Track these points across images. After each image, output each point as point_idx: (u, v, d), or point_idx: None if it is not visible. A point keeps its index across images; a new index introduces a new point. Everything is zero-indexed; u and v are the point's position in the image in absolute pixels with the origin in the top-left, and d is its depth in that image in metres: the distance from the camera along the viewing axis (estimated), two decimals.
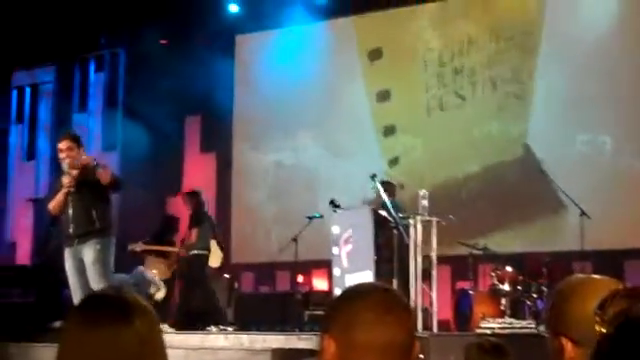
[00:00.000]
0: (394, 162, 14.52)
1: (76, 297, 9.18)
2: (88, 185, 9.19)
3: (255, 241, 15.13)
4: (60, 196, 9.27)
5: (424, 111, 14.55)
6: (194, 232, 12.90)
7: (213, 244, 12.97)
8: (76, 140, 9.39)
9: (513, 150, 13.56)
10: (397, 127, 14.73)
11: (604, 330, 1.76)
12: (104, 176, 9.12)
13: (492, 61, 14.12)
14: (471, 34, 14.35)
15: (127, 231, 12.81)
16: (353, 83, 15.16)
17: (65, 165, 9.27)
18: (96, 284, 9.03)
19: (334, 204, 11.93)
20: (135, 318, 2.02)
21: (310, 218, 12.41)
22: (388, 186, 11.52)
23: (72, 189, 9.18)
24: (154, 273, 13.21)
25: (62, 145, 9.28)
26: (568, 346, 2.29)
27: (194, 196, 13.12)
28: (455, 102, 14.34)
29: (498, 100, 13.97)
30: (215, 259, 13.09)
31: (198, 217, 12.98)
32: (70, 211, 9.27)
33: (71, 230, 9.27)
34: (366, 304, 2.13)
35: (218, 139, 16.28)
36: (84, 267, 9.16)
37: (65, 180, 9.21)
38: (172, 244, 13.68)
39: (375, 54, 15.11)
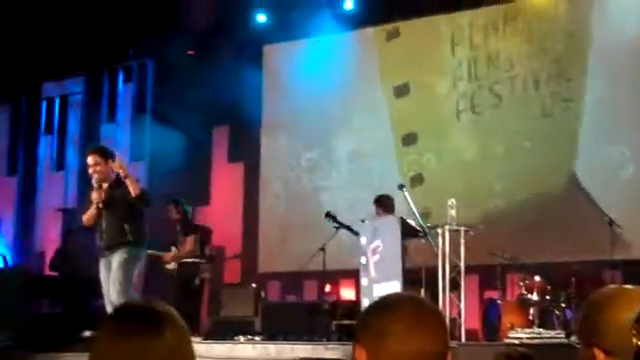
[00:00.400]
0: (417, 178, 14.46)
1: (109, 307, 9.22)
2: (120, 199, 9.21)
3: (282, 250, 15.12)
4: (92, 210, 9.31)
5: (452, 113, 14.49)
6: (188, 240, 13.16)
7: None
8: (102, 154, 9.38)
9: (542, 159, 13.45)
10: (419, 134, 14.67)
11: None
12: (133, 187, 9.14)
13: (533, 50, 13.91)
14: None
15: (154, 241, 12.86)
16: (376, 87, 15.17)
17: (93, 180, 9.30)
18: (114, 289, 9.06)
19: (330, 216, 12.03)
20: (166, 329, 2.03)
21: (337, 228, 12.40)
22: (387, 200, 11.58)
23: (102, 204, 9.21)
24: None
25: (89, 160, 9.31)
26: (600, 357, 2.28)
27: (179, 204, 13.37)
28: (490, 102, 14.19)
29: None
30: None
31: (188, 225, 13.20)
32: (103, 224, 9.31)
33: (103, 242, 9.32)
34: (398, 314, 2.13)
35: (246, 149, 16.30)
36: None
37: (94, 195, 9.24)
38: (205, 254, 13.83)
39: (392, 33, 15.13)
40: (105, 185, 9.27)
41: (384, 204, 11.58)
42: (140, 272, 9.83)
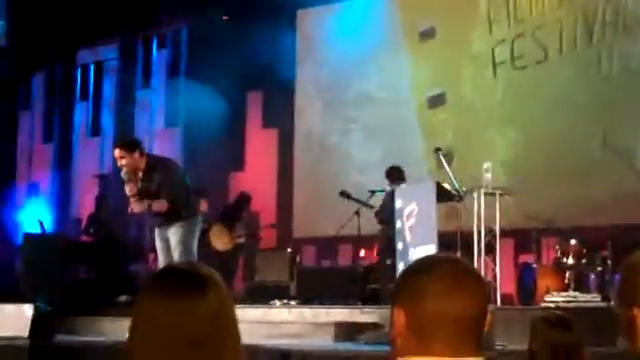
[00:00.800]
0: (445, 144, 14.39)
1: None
2: (159, 185, 9.10)
3: (317, 215, 15.13)
4: (133, 203, 9.15)
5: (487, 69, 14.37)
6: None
7: None
8: (126, 146, 9.15)
9: (576, 121, 13.35)
10: (447, 95, 14.60)
11: None
12: (160, 208, 9.14)
13: None
14: None
15: None
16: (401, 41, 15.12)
17: (122, 174, 9.14)
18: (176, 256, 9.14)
19: (345, 194, 12.10)
20: (209, 291, 2.04)
21: (372, 192, 12.42)
22: (396, 171, 11.60)
23: (136, 198, 9.09)
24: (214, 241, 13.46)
25: (115, 153, 9.17)
26: None
27: None
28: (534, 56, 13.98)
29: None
30: None
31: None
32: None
33: (162, 217, 9.32)
34: (435, 276, 2.12)
35: (280, 114, 16.31)
36: (169, 247, 9.20)
37: (127, 190, 9.14)
38: (242, 219, 13.94)
39: None
40: (139, 175, 9.16)
41: (392, 175, 11.65)
42: None
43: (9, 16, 17.37)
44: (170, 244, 9.17)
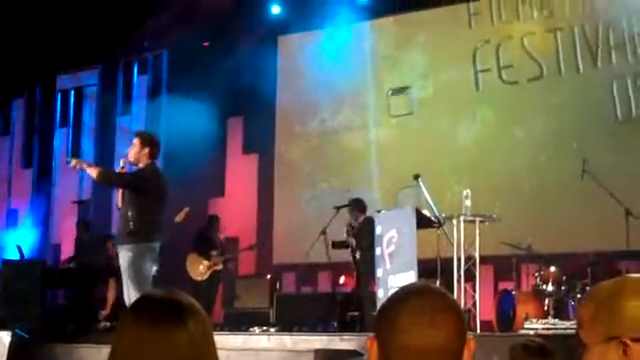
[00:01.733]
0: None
1: (125, 297, 9.16)
2: (135, 187, 9.18)
3: (296, 242, 15.10)
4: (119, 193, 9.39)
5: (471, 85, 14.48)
6: None
7: None
8: (141, 138, 9.31)
9: (557, 149, 13.43)
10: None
11: None
12: (91, 171, 9.26)
13: None
14: None
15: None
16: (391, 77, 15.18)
17: (121, 161, 9.43)
18: (128, 290, 8.99)
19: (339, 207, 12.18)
20: (189, 320, 2.04)
21: (338, 208, 12.41)
22: (358, 203, 11.80)
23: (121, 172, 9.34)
24: (191, 271, 13.39)
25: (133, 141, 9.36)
26: None
27: None
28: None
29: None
30: None
31: None
32: (121, 210, 9.33)
33: (118, 229, 9.33)
34: (404, 307, 2.09)
35: (260, 140, 16.32)
36: None
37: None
38: (216, 244, 13.81)
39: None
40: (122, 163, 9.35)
41: (357, 207, 11.98)
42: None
43: None
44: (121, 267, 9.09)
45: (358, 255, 11.84)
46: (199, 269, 13.46)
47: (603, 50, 13.33)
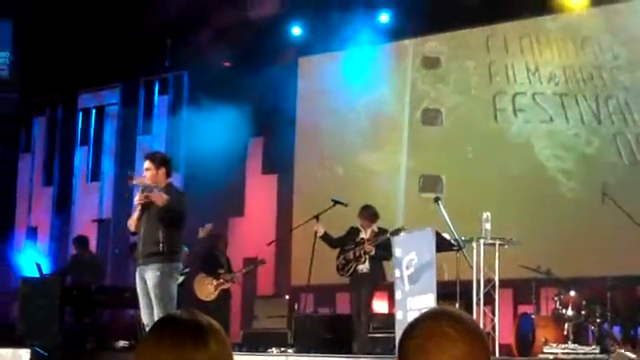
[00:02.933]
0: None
1: (144, 317, 9.22)
2: (159, 207, 9.21)
3: (316, 262, 15.07)
4: (135, 213, 9.39)
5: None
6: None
7: None
8: (153, 160, 9.45)
9: (577, 172, 13.41)
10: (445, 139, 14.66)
11: None
12: (156, 198, 9.18)
13: None
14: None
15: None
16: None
17: (142, 181, 9.46)
18: (150, 309, 9.07)
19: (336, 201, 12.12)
20: (210, 340, 2.04)
21: (335, 202, 12.36)
22: (366, 211, 11.77)
23: (140, 206, 9.26)
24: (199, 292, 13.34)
25: (145, 165, 9.44)
26: None
27: None
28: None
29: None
30: None
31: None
32: (142, 230, 9.33)
33: (140, 249, 9.35)
34: (415, 331, 2.14)
35: (280, 161, 16.34)
36: (147, 288, 9.19)
37: (136, 198, 9.34)
38: (222, 263, 13.73)
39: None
40: (155, 190, 9.29)
41: (363, 215, 11.98)
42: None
43: (14, 51, 17.44)
44: (147, 286, 9.15)
45: (365, 267, 11.84)
46: (208, 289, 13.41)
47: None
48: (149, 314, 9.08)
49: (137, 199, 9.33)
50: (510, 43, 14.44)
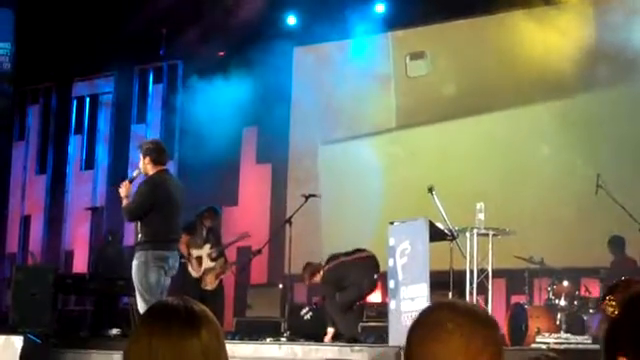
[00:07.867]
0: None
1: (139, 305, 9.25)
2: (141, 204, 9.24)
3: (309, 251, 15.09)
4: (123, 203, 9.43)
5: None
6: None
7: None
8: (140, 150, 9.53)
9: (571, 165, 13.40)
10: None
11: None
12: (121, 190, 9.28)
13: None
14: None
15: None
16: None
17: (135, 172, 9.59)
18: (137, 297, 9.13)
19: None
20: (202, 328, 2.05)
21: (306, 197, 12.38)
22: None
23: (124, 199, 9.30)
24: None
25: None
26: None
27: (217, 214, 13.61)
28: None
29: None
30: None
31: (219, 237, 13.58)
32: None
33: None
34: (418, 323, 2.18)
35: (274, 150, 16.33)
36: None
37: (121, 189, 9.37)
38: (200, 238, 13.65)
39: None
40: (127, 181, 9.43)
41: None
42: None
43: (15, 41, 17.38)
44: None
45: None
46: (208, 278, 13.38)
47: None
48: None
49: (121, 191, 9.41)
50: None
